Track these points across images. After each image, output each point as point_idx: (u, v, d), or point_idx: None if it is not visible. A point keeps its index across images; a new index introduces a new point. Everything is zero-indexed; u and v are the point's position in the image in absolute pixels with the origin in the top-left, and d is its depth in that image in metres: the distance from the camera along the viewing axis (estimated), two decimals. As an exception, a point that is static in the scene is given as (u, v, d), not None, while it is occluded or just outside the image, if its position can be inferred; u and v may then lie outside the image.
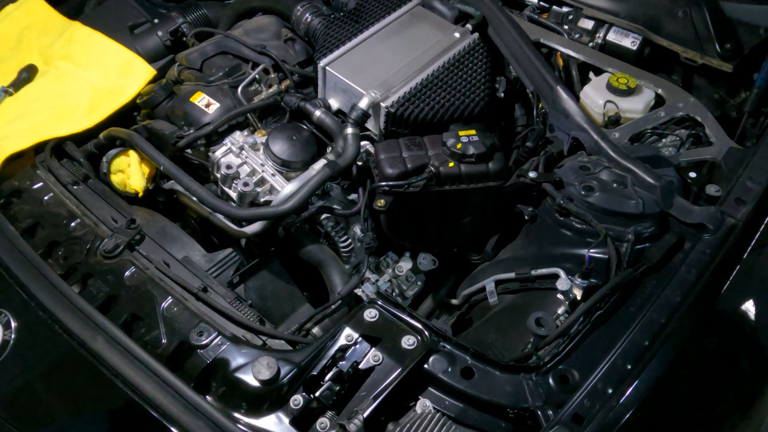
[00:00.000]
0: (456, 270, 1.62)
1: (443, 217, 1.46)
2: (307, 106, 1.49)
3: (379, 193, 1.36)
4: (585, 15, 1.82)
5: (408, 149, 1.36)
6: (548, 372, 1.04)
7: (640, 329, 1.08)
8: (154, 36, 1.81)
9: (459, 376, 1.04)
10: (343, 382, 1.01)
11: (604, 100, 1.57)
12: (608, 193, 1.29)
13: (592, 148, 1.43)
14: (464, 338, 1.35)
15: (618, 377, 1.02)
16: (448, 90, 1.49)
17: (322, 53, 1.54)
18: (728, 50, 1.62)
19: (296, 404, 0.99)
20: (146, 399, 1.00)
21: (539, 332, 1.12)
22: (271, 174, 1.40)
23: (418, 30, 1.64)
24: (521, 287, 1.36)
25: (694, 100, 1.57)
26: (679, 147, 1.53)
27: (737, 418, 1.08)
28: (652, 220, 1.26)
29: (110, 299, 1.18)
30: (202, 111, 1.50)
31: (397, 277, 1.54)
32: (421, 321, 1.10)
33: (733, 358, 1.15)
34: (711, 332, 1.15)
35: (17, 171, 1.42)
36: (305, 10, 1.72)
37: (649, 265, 1.17)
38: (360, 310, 1.11)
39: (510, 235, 1.53)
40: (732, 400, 1.11)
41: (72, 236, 1.29)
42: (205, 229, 1.49)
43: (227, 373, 1.05)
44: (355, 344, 1.06)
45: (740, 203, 1.26)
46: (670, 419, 1.04)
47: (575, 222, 1.32)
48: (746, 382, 1.13)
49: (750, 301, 1.16)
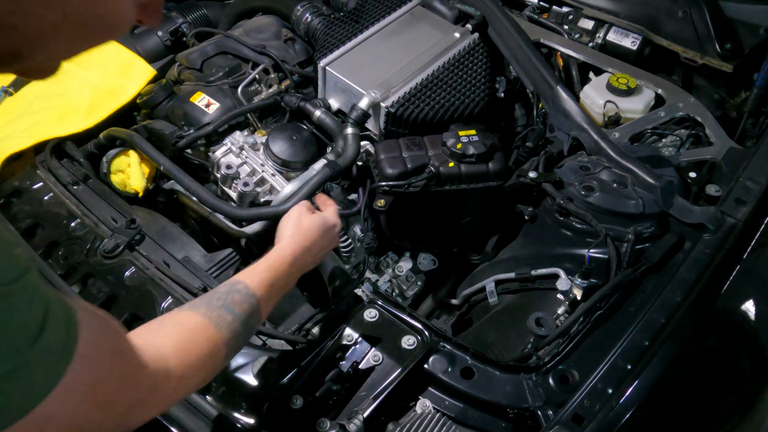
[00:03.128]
0: (456, 270, 1.62)
1: (443, 217, 1.46)
2: (307, 106, 1.49)
3: (379, 193, 1.36)
4: (585, 15, 1.82)
5: (408, 149, 1.36)
6: (548, 372, 1.04)
7: (640, 329, 1.08)
8: (154, 36, 1.81)
9: (459, 376, 1.04)
10: (343, 382, 1.01)
11: (604, 100, 1.58)
12: (608, 193, 1.29)
13: (592, 148, 1.43)
14: (464, 338, 1.35)
15: (618, 377, 1.02)
16: (448, 90, 1.49)
17: (322, 53, 1.54)
18: (728, 50, 1.62)
19: (296, 404, 0.99)
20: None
21: (539, 332, 1.12)
22: (271, 174, 1.40)
23: (418, 30, 1.64)
24: (521, 287, 1.36)
25: (694, 100, 1.57)
26: (679, 147, 1.53)
27: (737, 418, 1.08)
28: (652, 220, 1.26)
29: (110, 299, 1.18)
30: (202, 111, 1.50)
31: (397, 277, 1.54)
32: (421, 321, 1.10)
33: (733, 358, 1.15)
34: (711, 332, 1.14)
35: (17, 171, 1.41)
36: (305, 10, 1.72)
37: (649, 265, 1.17)
38: (360, 310, 1.11)
39: (510, 235, 1.53)
40: (732, 400, 1.11)
41: (72, 236, 1.29)
42: (205, 229, 1.48)
43: (227, 373, 1.05)
44: (355, 344, 1.06)
45: (740, 203, 1.26)
46: (670, 419, 1.04)
47: (575, 222, 1.32)
48: (746, 382, 1.13)
49: (750, 301, 1.16)
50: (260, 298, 0.87)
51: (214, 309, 0.80)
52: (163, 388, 0.67)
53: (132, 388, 0.62)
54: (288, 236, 1.03)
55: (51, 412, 0.52)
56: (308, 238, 1.04)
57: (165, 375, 0.67)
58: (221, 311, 0.80)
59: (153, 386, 0.66)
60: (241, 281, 0.87)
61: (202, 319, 0.77)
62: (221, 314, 0.79)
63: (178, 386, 0.70)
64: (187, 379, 0.71)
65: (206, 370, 0.75)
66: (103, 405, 0.58)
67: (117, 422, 0.62)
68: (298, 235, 1.03)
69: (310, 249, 1.03)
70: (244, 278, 0.88)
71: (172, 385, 0.69)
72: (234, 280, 0.88)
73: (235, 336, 0.80)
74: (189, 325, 0.76)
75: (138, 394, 0.63)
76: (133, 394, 0.63)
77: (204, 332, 0.76)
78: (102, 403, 0.58)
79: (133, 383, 0.63)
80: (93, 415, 0.57)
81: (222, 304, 0.81)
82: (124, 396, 0.61)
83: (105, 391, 0.58)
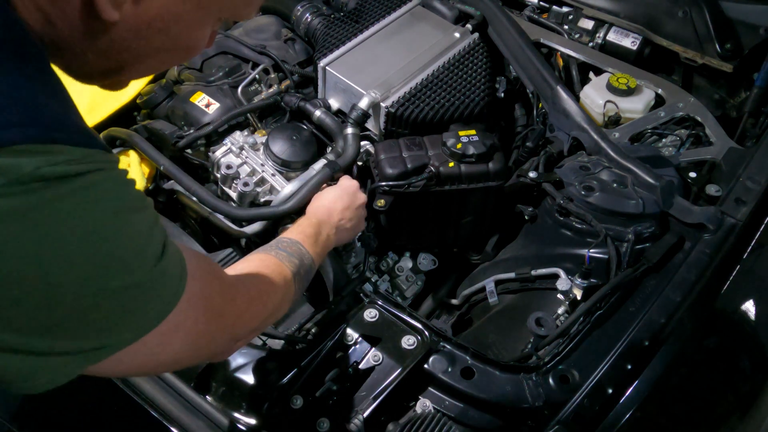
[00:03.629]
0: (456, 270, 1.62)
1: (443, 217, 1.46)
2: (307, 106, 1.49)
3: (379, 193, 1.36)
4: (585, 15, 1.82)
5: (408, 149, 1.36)
6: (548, 372, 1.04)
7: (640, 329, 1.08)
8: (154, 36, 1.81)
9: (459, 376, 1.04)
10: (343, 382, 1.01)
11: (604, 100, 1.57)
12: (608, 193, 1.29)
13: (592, 148, 1.43)
14: (464, 338, 1.35)
15: (618, 377, 1.02)
16: (448, 90, 1.49)
17: (322, 53, 1.54)
18: (728, 50, 1.62)
19: (296, 404, 0.99)
20: (146, 399, 1.00)
21: (539, 332, 1.12)
22: (271, 174, 1.40)
23: (418, 30, 1.64)
24: (521, 287, 1.36)
25: (694, 100, 1.57)
26: (679, 147, 1.53)
27: (737, 418, 1.08)
28: (652, 220, 1.26)
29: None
30: (202, 111, 1.49)
31: (397, 277, 1.54)
32: (421, 321, 1.10)
33: (733, 358, 1.16)
34: (711, 332, 1.15)
35: (17, 171, 1.41)
36: (305, 10, 1.72)
37: (649, 265, 1.17)
38: (360, 310, 1.11)
39: (510, 235, 1.52)
40: (732, 400, 1.11)
41: (72, 236, 1.28)
42: (205, 229, 1.48)
43: (227, 373, 1.05)
44: (355, 344, 1.06)
45: (740, 203, 1.26)
46: (670, 419, 1.04)
47: (575, 222, 1.32)
48: (746, 382, 1.13)
49: (750, 301, 1.16)
50: (301, 244, 1.05)
51: (278, 252, 0.98)
52: (255, 305, 0.82)
53: (232, 301, 0.76)
54: (310, 207, 1.24)
55: (179, 321, 0.62)
56: (326, 199, 1.23)
57: (256, 293, 0.84)
58: (283, 254, 0.98)
59: (248, 301, 0.80)
60: (283, 238, 1.07)
61: (274, 258, 0.95)
62: (284, 255, 0.98)
63: (265, 305, 0.85)
64: (270, 301, 0.87)
65: (281, 296, 0.90)
66: (215, 317, 0.70)
67: (228, 334, 0.76)
68: (317, 201, 1.25)
69: (330, 209, 1.20)
70: (286, 234, 1.09)
71: (261, 302, 0.84)
72: (278, 239, 1.06)
73: (298, 272, 0.97)
74: (266, 261, 0.94)
75: (237, 307, 0.77)
76: (234, 308, 0.76)
77: (277, 267, 0.93)
78: (214, 314, 0.70)
79: (232, 297, 0.76)
80: (210, 325, 0.69)
81: (282, 249, 1.00)
82: (228, 309, 0.74)
83: (214, 304, 0.70)
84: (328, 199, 1.23)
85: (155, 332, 0.59)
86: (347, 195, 1.24)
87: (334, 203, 1.21)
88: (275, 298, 0.88)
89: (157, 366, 0.69)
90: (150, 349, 0.61)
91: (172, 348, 0.64)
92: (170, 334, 0.62)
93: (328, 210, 1.20)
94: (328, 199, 1.23)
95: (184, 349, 0.66)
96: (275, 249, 0.99)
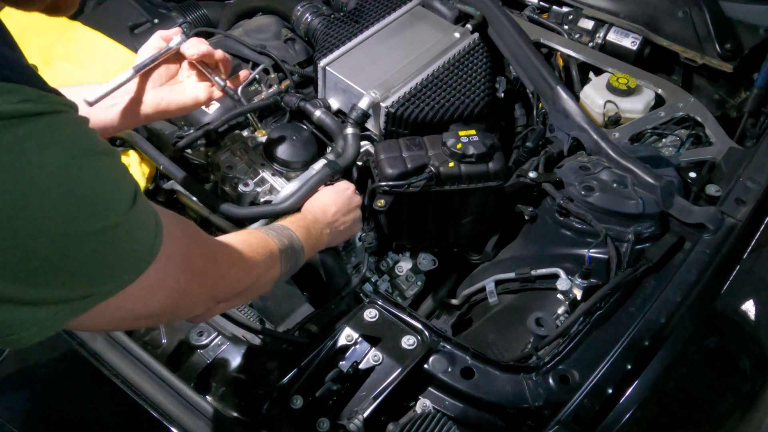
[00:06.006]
0: (456, 270, 1.62)
1: (443, 217, 1.46)
2: (307, 106, 1.49)
3: (379, 193, 1.36)
4: (585, 15, 1.82)
5: (408, 149, 1.36)
6: (548, 372, 1.04)
7: (640, 329, 1.08)
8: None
9: (459, 376, 1.03)
10: (343, 382, 1.01)
11: (604, 100, 1.58)
12: (608, 193, 1.29)
13: (592, 148, 1.43)
14: (464, 338, 1.35)
15: (618, 377, 1.02)
16: (448, 90, 1.49)
17: (322, 53, 1.54)
18: (728, 50, 1.62)
19: (296, 404, 0.99)
20: (146, 399, 1.00)
21: (539, 332, 1.12)
22: (271, 174, 1.40)
23: (418, 30, 1.64)
24: (521, 287, 1.36)
25: (694, 100, 1.57)
26: (679, 147, 1.53)
27: (737, 418, 1.08)
28: (652, 220, 1.26)
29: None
30: (202, 111, 1.50)
31: (397, 277, 1.54)
32: (421, 321, 1.10)
33: (733, 358, 1.15)
34: (711, 332, 1.15)
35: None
36: (305, 10, 1.72)
37: (649, 265, 1.17)
38: (360, 310, 1.11)
39: (510, 235, 1.53)
40: (732, 400, 1.11)
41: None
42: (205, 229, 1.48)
43: (227, 373, 1.05)
44: (355, 344, 1.06)
45: (740, 203, 1.26)
46: (670, 419, 1.04)
47: (575, 222, 1.32)
48: (746, 382, 1.13)
49: (750, 301, 1.16)
50: (292, 230, 1.05)
51: (268, 231, 0.99)
52: (237, 268, 0.83)
53: (213, 262, 0.77)
54: (305, 205, 1.24)
55: (160, 278, 0.63)
56: (321, 199, 1.24)
57: (238, 257, 0.84)
58: (272, 233, 0.99)
59: (230, 264, 0.81)
60: (274, 224, 1.08)
61: (262, 233, 0.96)
62: (272, 234, 0.98)
63: (247, 272, 0.86)
64: (253, 268, 0.87)
65: (266, 267, 0.91)
66: (196, 276, 0.72)
67: (208, 294, 0.77)
68: (312, 200, 1.25)
69: (325, 209, 1.21)
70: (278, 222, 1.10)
71: (243, 268, 0.85)
72: (270, 225, 1.08)
73: (285, 251, 0.97)
74: (253, 233, 0.95)
75: (218, 268, 0.78)
76: (215, 268, 0.77)
77: (263, 239, 0.94)
78: (195, 273, 0.71)
79: (213, 258, 0.77)
80: (190, 284, 0.70)
81: (272, 229, 1.01)
82: (210, 269, 0.75)
83: (195, 263, 0.71)
84: (323, 199, 1.24)
85: (137, 286, 0.59)
86: (343, 197, 1.25)
87: (329, 203, 1.23)
88: (259, 266, 0.89)
89: (136, 320, 0.69)
90: (132, 304, 0.62)
91: (153, 304, 0.65)
92: (152, 289, 0.63)
93: (323, 209, 1.21)
94: (324, 199, 1.24)
95: (164, 306, 0.67)
96: (265, 229, 1.01)
